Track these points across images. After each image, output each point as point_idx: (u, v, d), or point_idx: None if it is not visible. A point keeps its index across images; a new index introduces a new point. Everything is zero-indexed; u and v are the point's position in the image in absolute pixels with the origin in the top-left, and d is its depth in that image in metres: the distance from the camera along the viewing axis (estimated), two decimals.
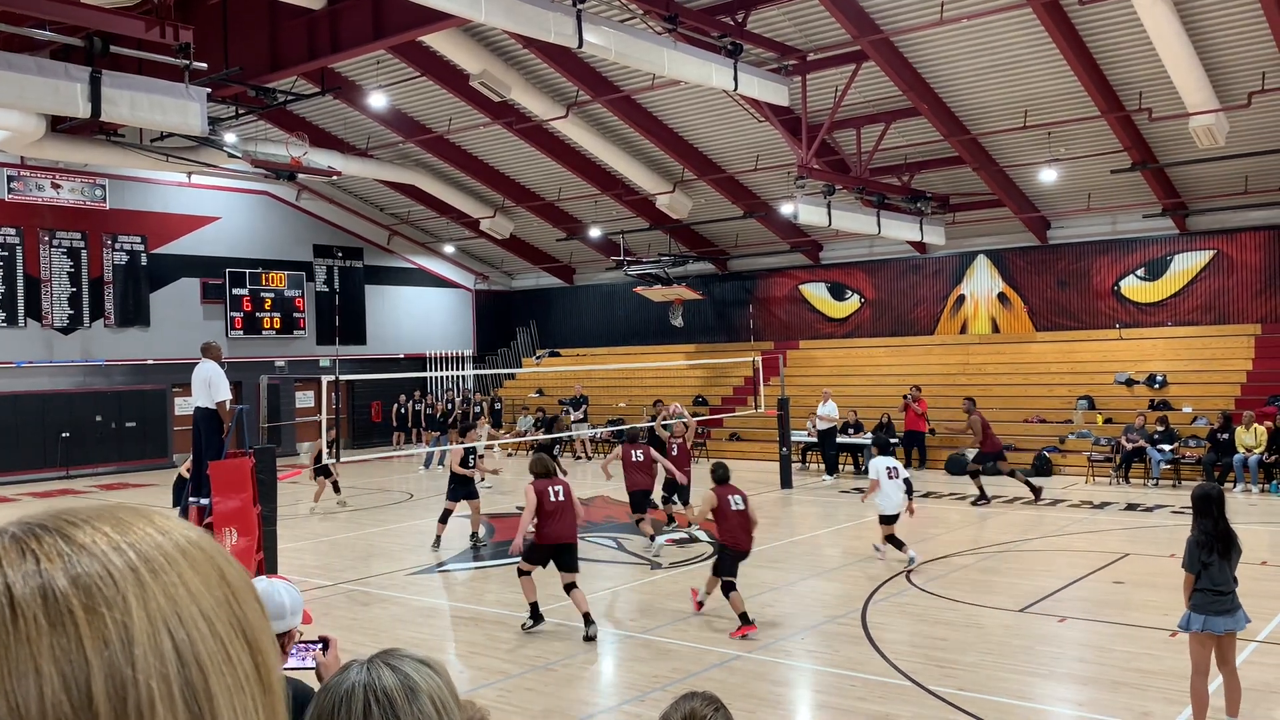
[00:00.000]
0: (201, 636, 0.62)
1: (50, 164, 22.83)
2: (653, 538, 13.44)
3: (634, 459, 13.71)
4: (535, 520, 9.46)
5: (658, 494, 14.71)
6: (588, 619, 9.28)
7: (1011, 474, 17.12)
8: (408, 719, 1.46)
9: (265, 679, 0.66)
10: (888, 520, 12.07)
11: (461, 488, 14.00)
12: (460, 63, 18.76)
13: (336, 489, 18.27)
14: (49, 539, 0.62)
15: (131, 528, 0.64)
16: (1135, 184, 20.73)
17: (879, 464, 12.29)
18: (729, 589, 9.48)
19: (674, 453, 14.80)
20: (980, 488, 16.90)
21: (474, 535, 14.18)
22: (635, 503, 13.70)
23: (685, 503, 14.19)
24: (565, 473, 14.04)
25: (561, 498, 9.55)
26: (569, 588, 9.47)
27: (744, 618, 9.31)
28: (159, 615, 0.61)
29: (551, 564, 9.61)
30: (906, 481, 12.21)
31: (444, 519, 14.00)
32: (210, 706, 0.61)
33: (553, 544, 9.49)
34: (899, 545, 12.01)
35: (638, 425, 14.25)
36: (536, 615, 9.66)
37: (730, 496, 9.72)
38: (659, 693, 7.86)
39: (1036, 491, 16.65)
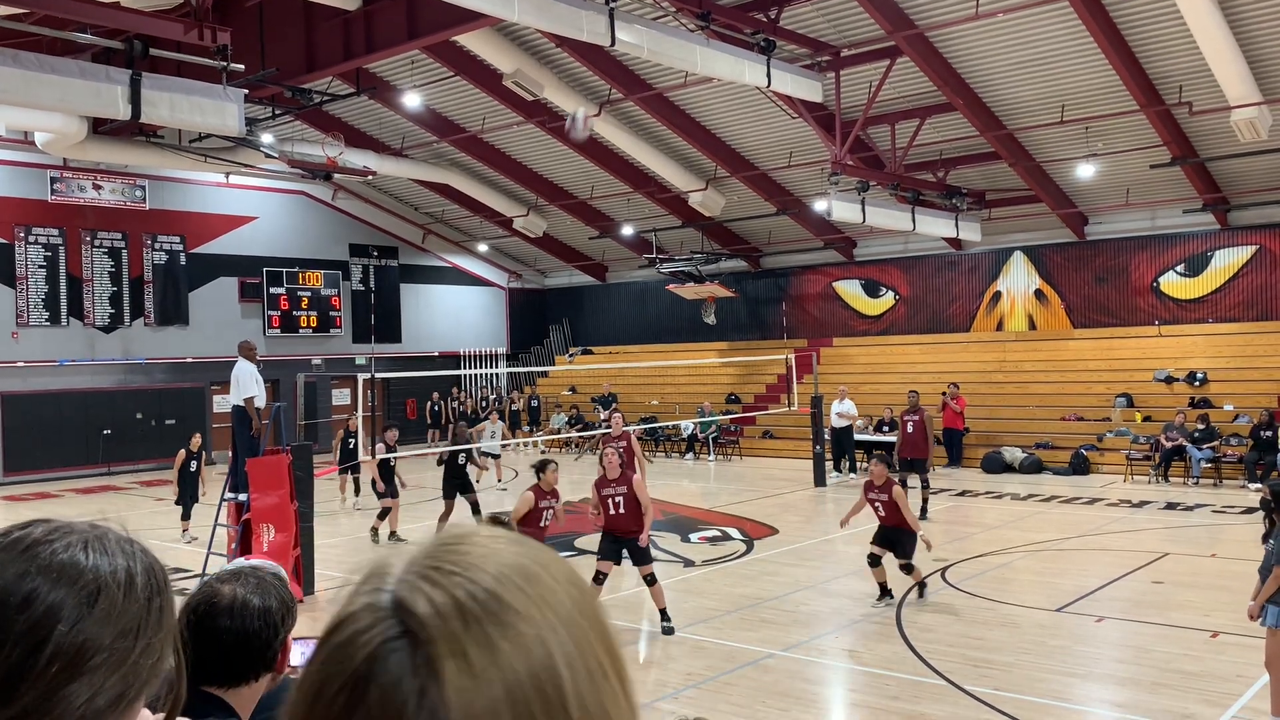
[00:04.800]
0: (602, 676, 0.67)
1: (91, 165, 23.18)
2: None
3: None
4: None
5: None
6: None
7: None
8: None
9: (633, 700, 0.70)
10: None
11: (455, 481, 14.09)
12: (494, 62, 18.84)
13: (357, 489, 18.20)
14: (480, 593, 0.66)
15: (529, 569, 0.68)
16: (1175, 179, 20.44)
17: None
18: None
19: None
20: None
21: (393, 534, 14.18)
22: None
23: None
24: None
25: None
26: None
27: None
28: (575, 662, 0.65)
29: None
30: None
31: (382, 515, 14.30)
32: None
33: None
34: None
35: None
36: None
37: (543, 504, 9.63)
38: (692, 690, 7.87)
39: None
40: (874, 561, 10.20)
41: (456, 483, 14.09)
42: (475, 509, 14.27)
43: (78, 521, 0.97)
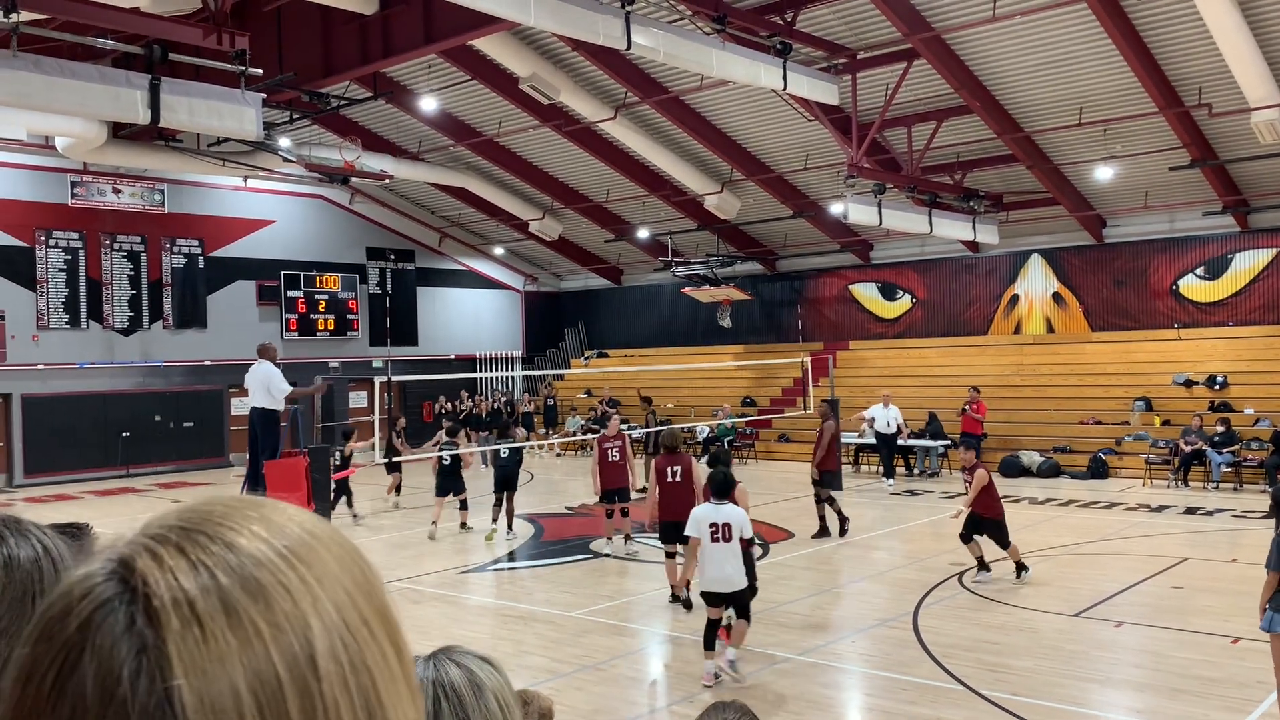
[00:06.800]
0: (365, 641, 0.61)
1: (111, 169, 23.35)
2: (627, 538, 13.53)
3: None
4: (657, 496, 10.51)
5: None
6: (675, 596, 10.39)
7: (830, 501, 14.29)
8: (476, 714, 1.47)
9: (408, 673, 0.65)
10: (714, 601, 8.15)
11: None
12: (510, 66, 18.89)
13: (398, 489, 18.41)
14: (215, 546, 0.58)
15: (282, 528, 0.61)
16: (1194, 181, 20.30)
17: (702, 514, 8.18)
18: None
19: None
20: (839, 513, 14.10)
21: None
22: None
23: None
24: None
25: (679, 478, 10.35)
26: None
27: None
28: (333, 625, 0.59)
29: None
30: (748, 547, 8.11)
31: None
32: (382, 711, 0.60)
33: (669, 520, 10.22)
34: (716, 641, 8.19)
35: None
36: (675, 599, 10.39)
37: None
38: (706, 694, 7.85)
39: (844, 525, 14.16)
40: (965, 539, 11.23)
41: (500, 478, 14.77)
42: (497, 503, 14.83)
43: None
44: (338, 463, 15.31)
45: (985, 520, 11.13)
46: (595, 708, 7.63)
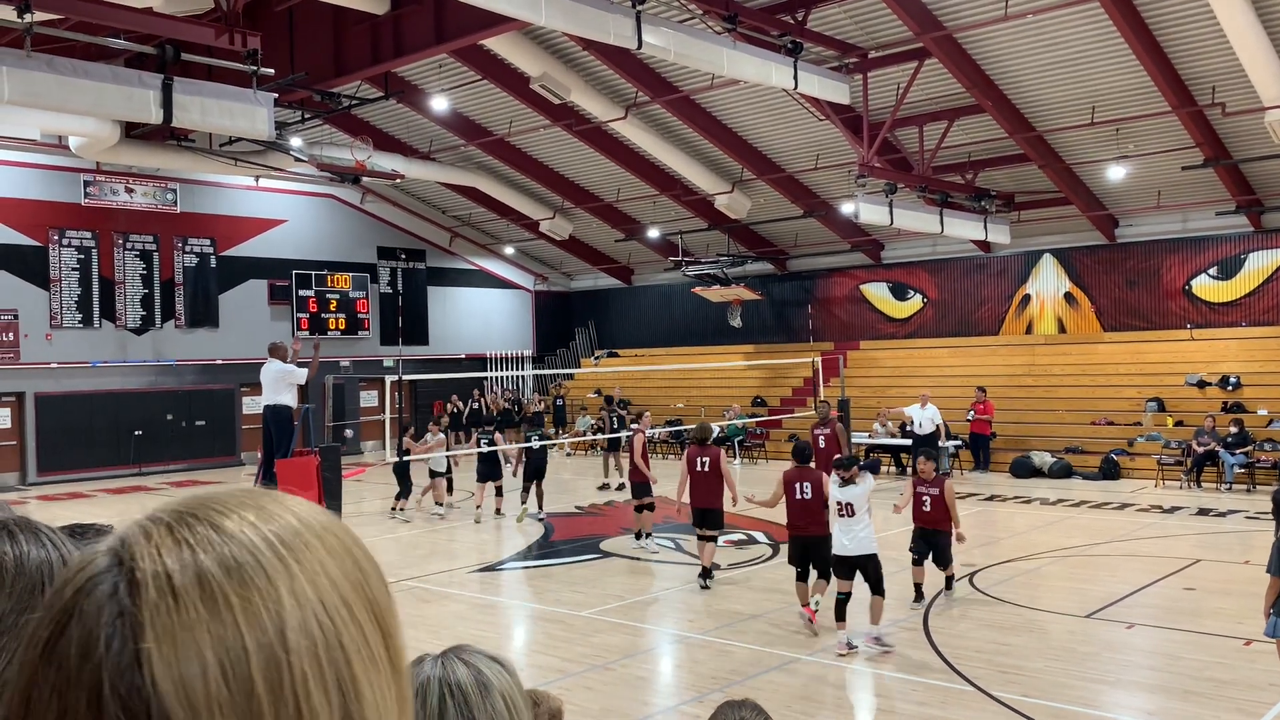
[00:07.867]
0: (343, 621, 0.64)
1: (124, 169, 23.45)
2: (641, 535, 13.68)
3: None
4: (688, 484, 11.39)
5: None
6: (705, 572, 11.20)
7: None
8: (481, 714, 1.47)
9: (395, 661, 0.68)
10: (840, 573, 9.18)
11: (531, 466, 16.21)
12: (520, 65, 18.91)
13: (450, 488, 17.58)
14: (201, 528, 0.63)
15: (274, 516, 0.66)
16: (1208, 181, 20.20)
17: (832, 494, 9.31)
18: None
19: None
20: None
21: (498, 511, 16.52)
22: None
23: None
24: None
25: (707, 468, 11.28)
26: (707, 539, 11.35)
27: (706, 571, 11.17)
28: (306, 602, 0.63)
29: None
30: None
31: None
32: (354, 688, 0.64)
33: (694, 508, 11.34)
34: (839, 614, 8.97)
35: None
36: (702, 575, 11.28)
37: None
38: (717, 694, 7.84)
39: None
40: (918, 560, 10.35)
41: (532, 468, 16.16)
42: (525, 489, 16.18)
43: None
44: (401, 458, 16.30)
45: (941, 533, 10.22)
46: (605, 707, 7.64)
